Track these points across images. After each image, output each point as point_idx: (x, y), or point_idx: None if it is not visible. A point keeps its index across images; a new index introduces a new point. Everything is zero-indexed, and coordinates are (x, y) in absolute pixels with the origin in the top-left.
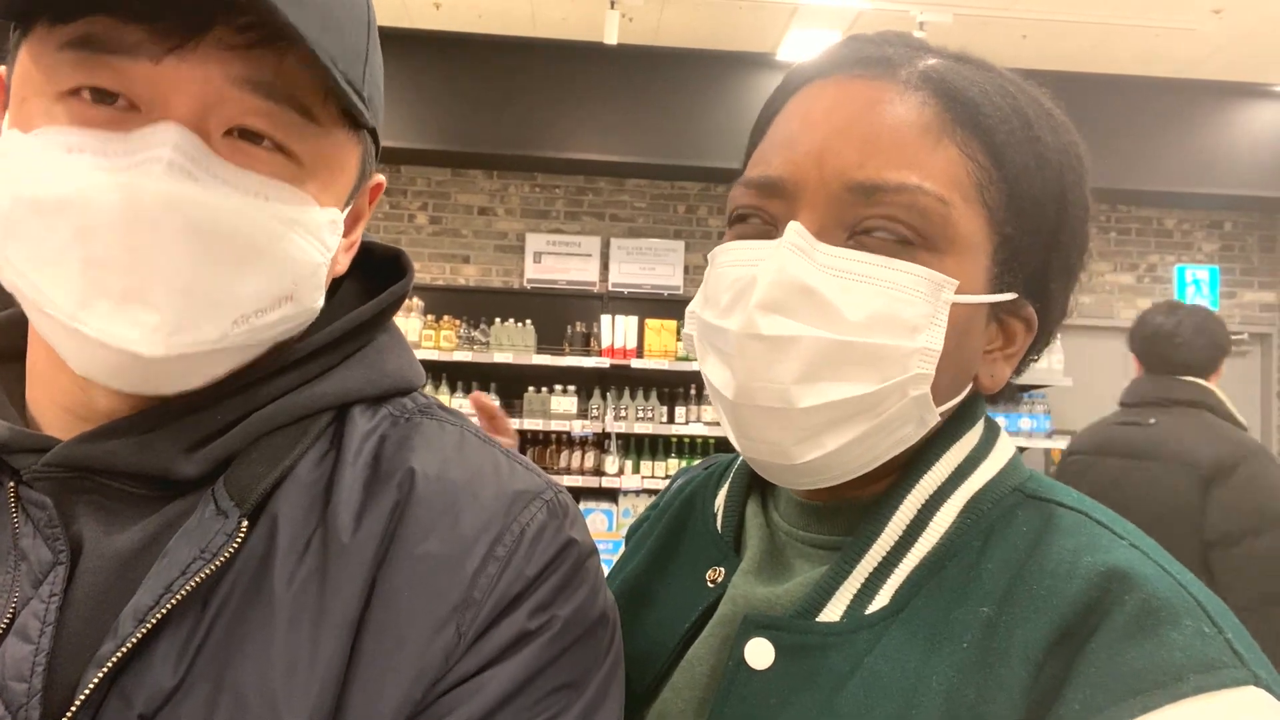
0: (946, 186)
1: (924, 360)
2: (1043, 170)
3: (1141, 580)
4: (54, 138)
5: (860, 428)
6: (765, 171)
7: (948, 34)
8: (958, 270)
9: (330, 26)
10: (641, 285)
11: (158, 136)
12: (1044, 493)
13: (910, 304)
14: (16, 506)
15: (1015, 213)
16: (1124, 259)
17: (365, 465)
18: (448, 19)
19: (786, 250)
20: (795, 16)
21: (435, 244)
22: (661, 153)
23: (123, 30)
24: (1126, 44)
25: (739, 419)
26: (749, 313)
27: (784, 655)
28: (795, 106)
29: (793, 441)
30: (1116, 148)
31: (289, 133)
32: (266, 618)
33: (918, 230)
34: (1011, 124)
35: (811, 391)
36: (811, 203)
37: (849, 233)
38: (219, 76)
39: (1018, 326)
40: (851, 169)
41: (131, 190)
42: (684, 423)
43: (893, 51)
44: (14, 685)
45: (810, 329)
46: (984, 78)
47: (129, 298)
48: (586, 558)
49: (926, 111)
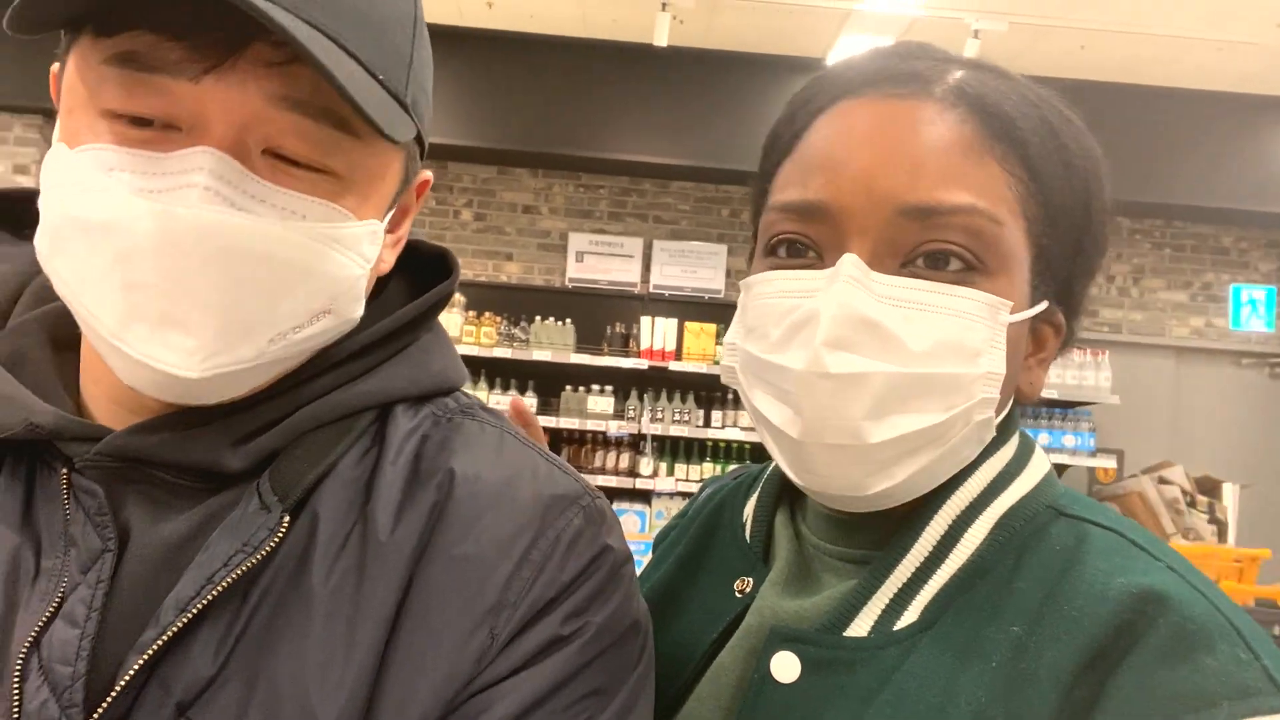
0: (996, 204)
1: (988, 385)
2: (1071, 178)
3: (1177, 603)
4: (96, 157)
5: (929, 456)
6: (805, 195)
7: (1003, 42)
8: (1008, 289)
9: (371, 31)
10: (682, 288)
11: (194, 161)
12: (1079, 510)
13: (971, 329)
14: (68, 494)
15: (1049, 223)
16: (1178, 276)
17: (406, 464)
18: (500, 19)
19: (845, 283)
20: (847, 22)
21: (479, 241)
22: (707, 155)
23: (163, 48)
24: (1188, 56)
25: (804, 456)
26: (815, 350)
27: (810, 669)
28: (828, 126)
29: (863, 475)
30: (1174, 162)
31: (326, 149)
32: (304, 612)
33: (974, 252)
34: (1042, 134)
35: (882, 426)
36: (862, 229)
37: (902, 259)
38: (257, 96)
39: (1048, 332)
40: (904, 192)
41: (167, 218)
42: (720, 427)
43: (921, 65)
44: (59, 668)
45: (878, 364)
46: (1009, 88)
47: (166, 322)
48: (622, 565)
49: (967, 129)
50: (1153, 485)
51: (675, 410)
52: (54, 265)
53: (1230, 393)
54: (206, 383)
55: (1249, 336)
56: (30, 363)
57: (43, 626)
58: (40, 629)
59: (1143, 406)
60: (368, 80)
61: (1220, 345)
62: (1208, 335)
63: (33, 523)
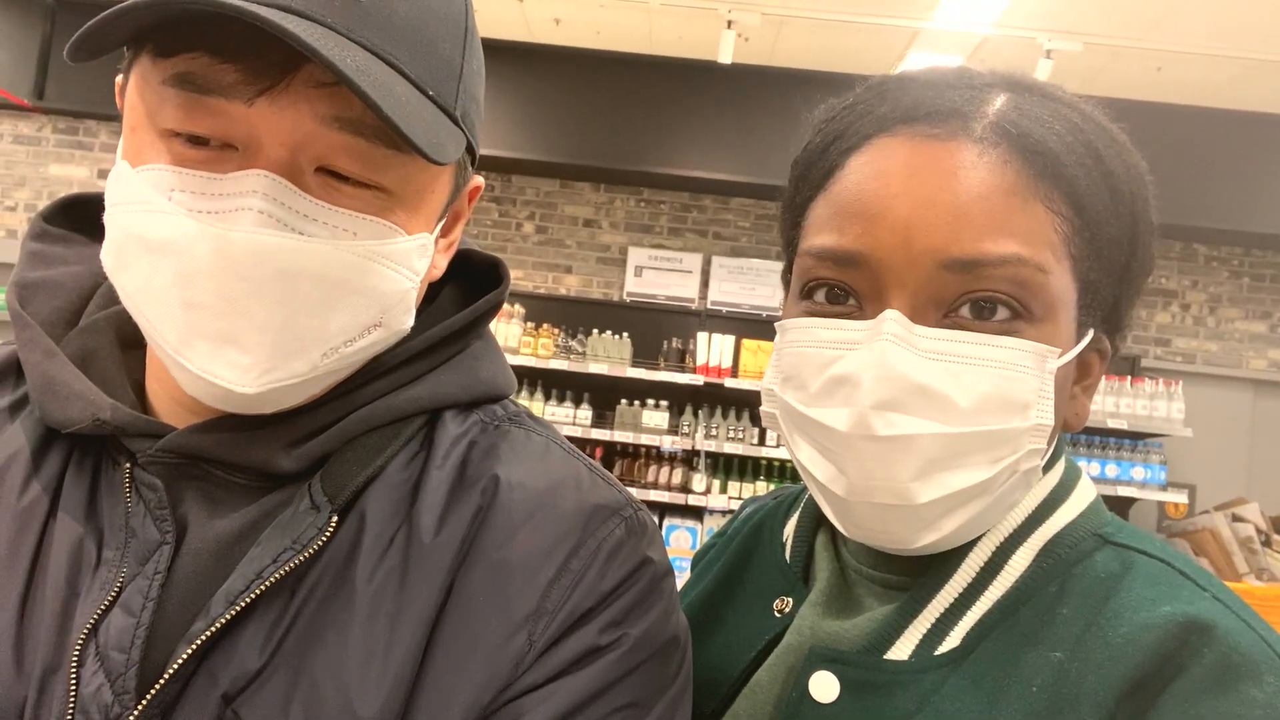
0: (1041, 250)
1: (1036, 437)
2: (1117, 205)
3: (1223, 634)
4: (157, 177)
5: (977, 508)
6: (842, 244)
7: (1077, 62)
8: (1054, 334)
9: (421, 46)
10: (740, 305)
11: (248, 184)
12: (1125, 539)
13: (1019, 380)
14: (130, 487)
15: (1096, 258)
16: (1256, 306)
17: (452, 469)
18: (567, 35)
19: (888, 341)
20: (915, 40)
21: (539, 253)
22: (768, 173)
23: (219, 70)
24: (1265, 80)
25: (850, 513)
26: (861, 412)
27: (849, 690)
28: (863, 167)
29: (911, 531)
30: (1252, 188)
31: (377, 166)
32: (347, 610)
33: (1020, 302)
34: (1087, 165)
35: (930, 486)
36: (901, 282)
37: (944, 310)
38: (309, 117)
39: (1094, 359)
40: (946, 245)
41: (222, 241)
42: (775, 445)
43: (957, 96)
44: (115, 655)
45: (927, 424)
46: (1051, 114)
47: (224, 340)
48: (662, 578)
49: (1009, 172)
50: (1226, 522)
51: (730, 427)
52: (119, 280)
53: None
54: (262, 397)
55: None
56: (99, 360)
57: (101, 614)
58: (99, 616)
59: (1217, 440)
60: (418, 99)
61: None
62: None
63: (96, 514)
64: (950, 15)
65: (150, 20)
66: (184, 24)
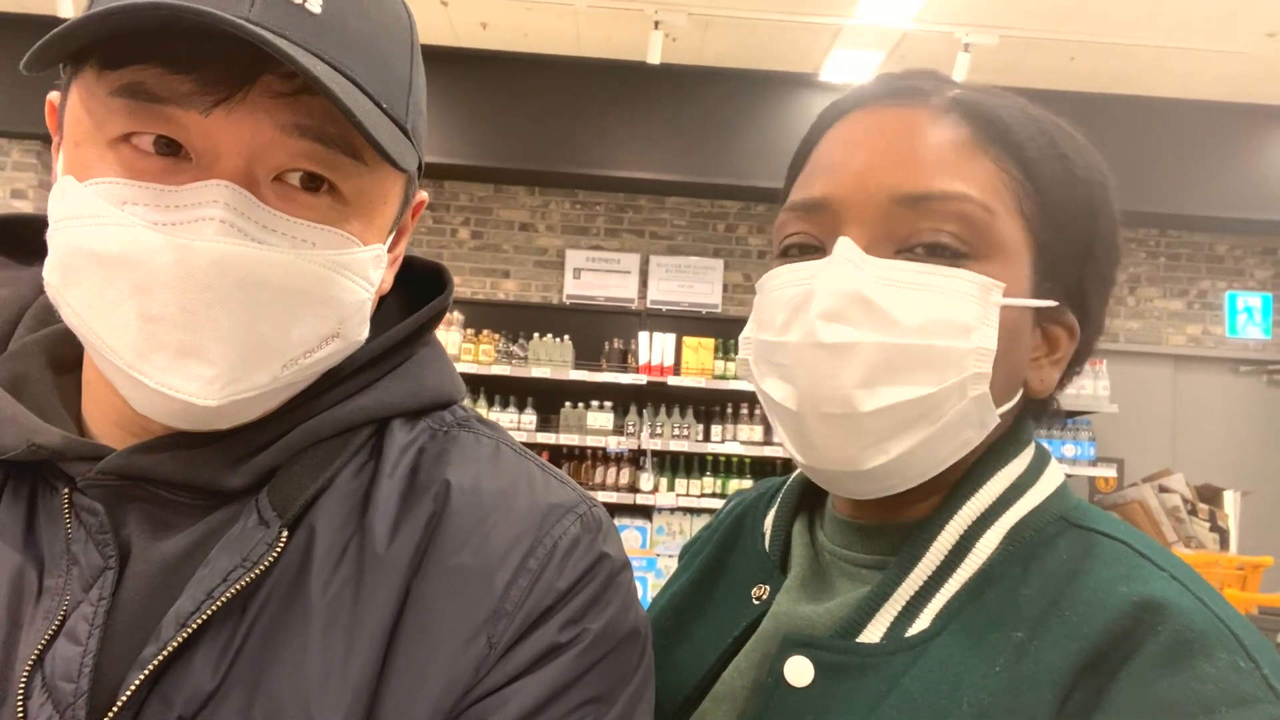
0: (988, 195)
1: (979, 359)
2: (1072, 184)
3: (1177, 611)
4: (107, 190)
5: (924, 432)
6: (808, 194)
7: (993, 55)
8: (1003, 275)
9: (375, 61)
10: (680, 303)
11: (208, 194)
12: (1088, 522)
13: (962, 307)
14: (70, 512)
15: (1050, 223)
16: (1174, 284)
17: (403, 477)
18: (494, 39)
19: (839, 263)
20: (839, 37)
21: (476, 259)
22: (702, 171)
23: (172, 80)
24: (1177, 66)
25: (802, 430)
26: (810, 322)
27: (823, 674)
28: (833, 135)
29: (858, 448)
30: (1167, 171)
31: (335, 174)
32: (302, 625)
33: (964, 239)
34: (1039, 142)
35: (874, 395)
36: (859, 218)
37: (897, 246)
38: (268, 126)
39: (1060, 333)
40: (898, 182)
41: (185, 251)
42: (720, 441)
43: (923, 83)
44: (62, 685)
45: (868, 334)
46: (1010, 103)
47: (185, 353)
48: (619, 572)
49: (961, 131)
50: (1154, 494)
51: (674, 425)
52: (66, 297)
53: (1228, 400)
54: (222, 410)
55: (1246, 344)
56: (31, 385)
57: (46, 644)
58: (43, 647)
59: (1142, 415)
60: (375, 110)
61: (1217, 353)
62: (1205, 343)
63: (35, 542)
64: (870, 11)
65: (107, 30)
66: (131, 35)
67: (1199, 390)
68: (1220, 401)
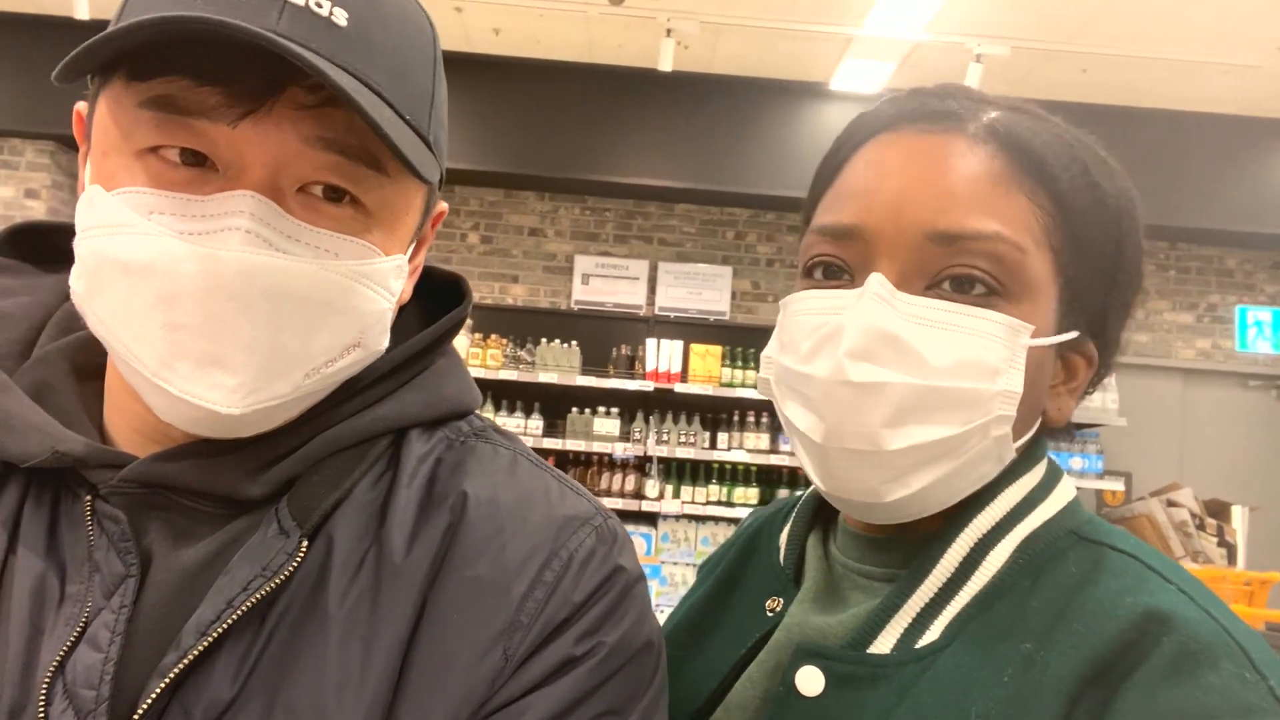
0: (1020, 233)
1: (1005, 403)
2: (1102, 214)
3: (1182, 623)
4: (134, 199)
5: (945, 468)
6: (839, 219)
7: (1005, 67)
8: (1031, 315)
9: (398, 74)
10: (688, 310)
11: (234, 204)
12: (1099, 536)
13: (990, 348)
14: (92, 520)
15: (1078, 255)
16: (1183, 298)
17: (420, 488)
18: (506, 44)
19: (870, 299)
20: (850, 47)
21: (485, 263)
22: (712, 178)
23: (200, 93)
24: (1190, 80)
25: (827, 461)
26: (838, 360)
27: (834, 684)
28: (865, 157)
29: (880, 481)
30: (1178, 185)
31: (359, 186)
32: (320, 635)
33: (996, 278)
34: (1072, 171)
35: (900, 434)
36: (890, 252)
37: (928, 281)
38: (293, 138)
39: (1079, 362)
40: (933, 218)
41: (210, 261)
42: (726, 449)
43: (956, 105)
44: (84, 692)
45: (898, 375)
46: (1043, 128)
47: (209, 361)
48: (634, 584)
49: (996, 163)
50: (1161, 508)
51: (681, 432)
52: (92, 305)
53: (1238, 414)
54: (245, 418)
55: (1255, 358)
56: (55, 392)
57: (67, 651)
58: (65, 653)
59: (1150, 429)
60: (399, 122)
61: (1227, 367)
62: (1214, 357)
63: (57, 549)
64: (881, 22)
65: (136, 42)
66: (159, 46)
67: (1208, 404)
68: (1229, 416)
